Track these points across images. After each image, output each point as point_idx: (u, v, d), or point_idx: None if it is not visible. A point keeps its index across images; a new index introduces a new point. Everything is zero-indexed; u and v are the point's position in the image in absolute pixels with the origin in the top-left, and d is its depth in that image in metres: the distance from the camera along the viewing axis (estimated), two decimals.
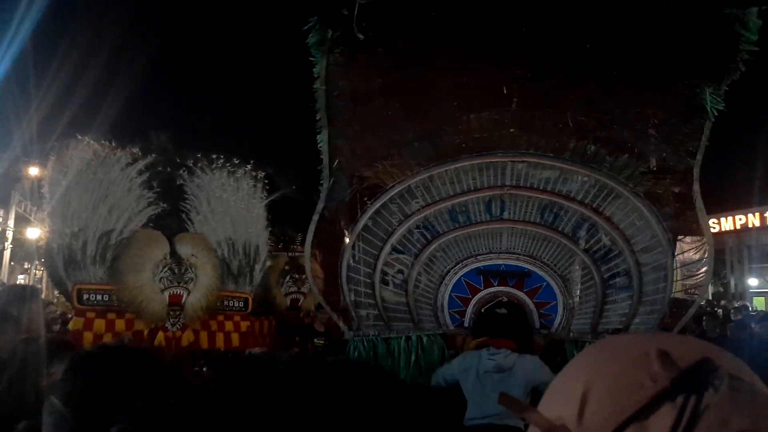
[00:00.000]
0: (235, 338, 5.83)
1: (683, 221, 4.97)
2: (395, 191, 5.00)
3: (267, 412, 0.48)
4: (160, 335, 5.37)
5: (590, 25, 4.38)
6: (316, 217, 4.85)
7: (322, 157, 4.80)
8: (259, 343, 6.36)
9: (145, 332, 5.37)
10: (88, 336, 5.16)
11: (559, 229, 5.04)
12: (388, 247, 5.02)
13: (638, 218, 4.90)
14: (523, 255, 5.08)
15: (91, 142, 5.35)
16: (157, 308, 5.37)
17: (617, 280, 4.95)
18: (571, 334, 4.76)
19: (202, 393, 0.47)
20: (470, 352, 4.15)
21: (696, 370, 0.61)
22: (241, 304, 6.01)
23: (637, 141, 4.92)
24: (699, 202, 4.66)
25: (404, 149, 5.03)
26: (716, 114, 4.47)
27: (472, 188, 5.07)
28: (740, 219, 23.75)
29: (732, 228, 24.07)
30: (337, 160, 4.84)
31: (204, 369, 5.07)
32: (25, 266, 26.27)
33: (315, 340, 6.76)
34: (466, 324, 4.93)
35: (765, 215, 23.17)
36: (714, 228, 23.72)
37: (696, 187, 4.66)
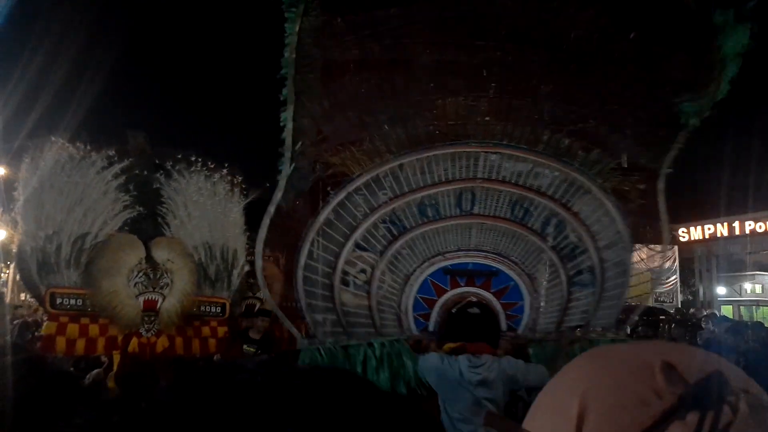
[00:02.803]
0: (212, 344, 5.72)
1: (645, 220, 4.92)
2: (362, 180, 4.69)
3: (229, 429, 0.43)
4: (134, 341, 5.26)
5: (575, 17, 4.25)
6: (272, 209, 4.41)
7: (283, 137, 4.34)
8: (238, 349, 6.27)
9: (119, 338, 5.26)
10: (60, 341, 5.06)
11: (529, 225, 4.85)
12: (350, 244, 4.68)
13: (604, 214, 4.81)
14: (492, 253, 4.85)
15: (66, 144, 5.24)
16: (132, 313, 5.26)
17: (582, 277, 4.83)
18: (536, 334, 4.59)
19: (152, 409, 0.41)
20: (446, 357, 3.87)
21: (706, 385, 0.55)
22: (219, 309, 5.89)
23: (612, 137, 4.81)
24: (662, 200, 4.67)
25: (375, 133, 4.70)
26: (693, 124, 4.40)
27: (444, 179, 4.80)
28: (709, 228, 24.34)
29: (701, 237, 24.69)
30: (300, 143, 4.41)
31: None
32: None
33: (245, 346, 6.53)
34: (431, 328, 4.64)
35: (733, 225, 23.64)
36: (683, 237, 24.29)
37: (661, 185, 4.66)
